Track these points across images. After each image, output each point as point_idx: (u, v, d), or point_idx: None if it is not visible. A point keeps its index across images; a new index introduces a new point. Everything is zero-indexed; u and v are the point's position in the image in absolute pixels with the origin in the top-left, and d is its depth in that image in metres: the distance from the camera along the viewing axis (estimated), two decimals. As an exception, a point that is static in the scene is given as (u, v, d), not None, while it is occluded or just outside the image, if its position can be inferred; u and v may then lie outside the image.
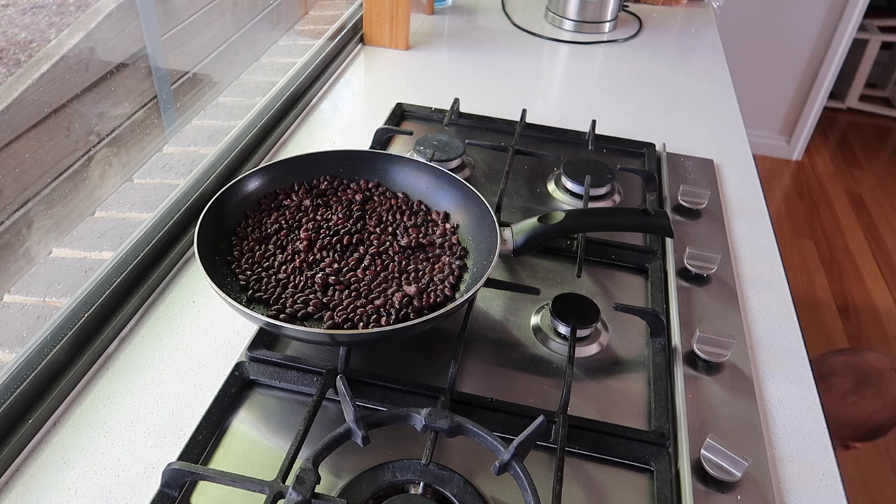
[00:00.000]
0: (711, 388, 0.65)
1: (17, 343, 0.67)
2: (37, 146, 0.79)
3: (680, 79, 1.27)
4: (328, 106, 1.09)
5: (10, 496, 0.53)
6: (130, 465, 0.56)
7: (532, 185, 0.92)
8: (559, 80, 1.27)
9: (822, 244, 2.53)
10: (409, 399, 0.61)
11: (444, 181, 0.75)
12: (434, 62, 1.25)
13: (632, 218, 0.74)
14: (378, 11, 1.23)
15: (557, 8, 1.42)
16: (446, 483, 0.54)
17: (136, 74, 0.97)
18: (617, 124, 1.08)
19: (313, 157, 0.77)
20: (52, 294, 0.73)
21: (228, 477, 0.50)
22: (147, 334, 0.68)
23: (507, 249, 0.69)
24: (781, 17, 2.63)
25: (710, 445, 0.58)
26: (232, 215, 0.71)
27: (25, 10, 0.83)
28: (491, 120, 1.04)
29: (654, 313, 0.69)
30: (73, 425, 0.59)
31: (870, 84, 3.27)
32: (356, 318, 0.61)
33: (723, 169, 1.01)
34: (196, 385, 0.63)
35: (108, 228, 0.83)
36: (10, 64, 0.78)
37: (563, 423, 0.58)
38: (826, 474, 0.60)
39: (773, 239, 0.88)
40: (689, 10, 1.57)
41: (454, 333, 0.66)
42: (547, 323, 0.70)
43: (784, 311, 0.77)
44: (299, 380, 0.62)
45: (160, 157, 0.99)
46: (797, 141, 2.94)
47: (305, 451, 0.55)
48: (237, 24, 1.25)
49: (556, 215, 0.69)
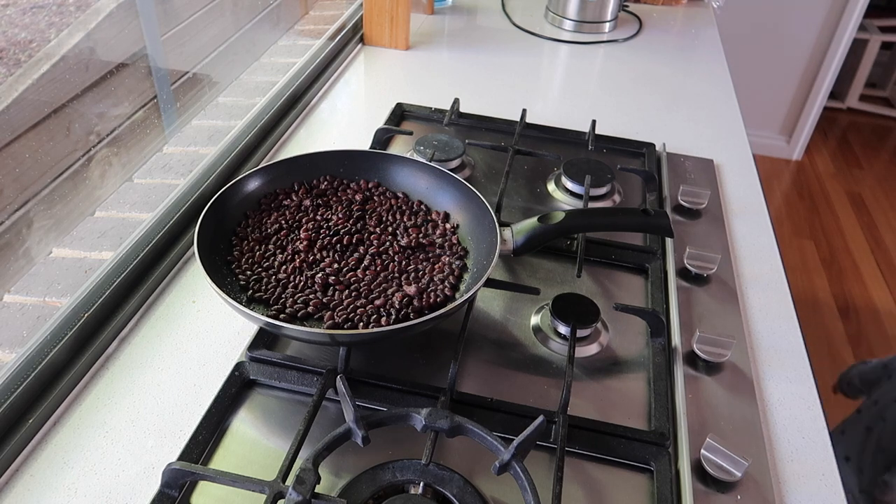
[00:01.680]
0: (711, 388, 0.65)
1: (17, 343, 0.67)
2: (37, 146, 0.79)
3: (680, 79, 1.27)
4: (328, 106, 1.09)
5: (10, 496, 0.53)
6: (130, 465, 0.56)
7: (532, 185, 0.92)
8: (559, 80, 1.27)
9: (822, 244, 2.53)
10: (409, 399, 0.61)
11: (444, 181, 0.75)
12: (434, 62, 1.25)
13: (632, 218, 0.74)
14: (378, 11, 1.23)
15: (557, 8, 1.42)
16: (446, 483, 0.54)
17: (136, 74, 0.97)
18: (617, 124, 1.08)
19: (313, 157, 0.77)
20: (52, 294, 0.73)
21: (228, 477, 0.50)
22: (147, 334, 0.68)
23: (507, 249, 0.69)
24: (781, 17, 2.63)
25: (710, 445, 0.58)
26: (232, 215, 0.71)
27: (25, 10, 0.83)
28: (491, 120, 1.04)
29: (654, 313, 0.69)
30: (73, 425, 0.59)
31: (870, 84, 3.27)
32: (356, 318, 0.61)
33: (723, 169, 1.01)
34: (196, 385, 0.63)
35: (108, 228, 0.83)
36: (10, 64, 0.78)
37: (563, 423, 0.58)
38: (826, 474, 0.60)
39: (773, 239, 0.88)
40: (689, 10, 1.57)
41: (454, 333, 0.66)
42: (547, 323, 0.70)
43: (784, 311, 0.77)
44: (299, 380, 0.62)
45: (160, 157, 0.98)
46: (797, 141, 2.94)
47: (305, 451, 0.55)
48: (237, 24, 1.25)
49: (556, 215, 0.69)
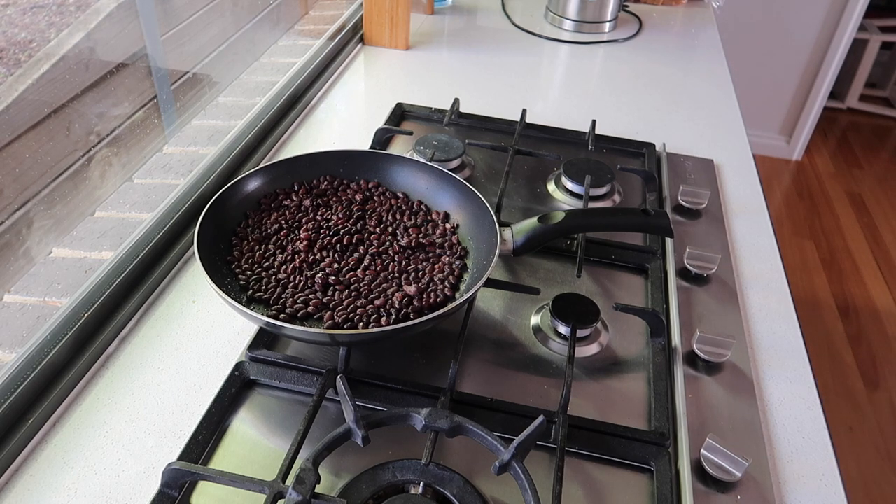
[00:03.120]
0: (711, 388, 0.65)
1: (17, 343, 0.67)
2: (37, 146, 0.79)
3: (680, 79, 1.27)
4: (328, 106, 1.09)
5: (10, 496, 0.53)
6: (130, 465, 0.56)
7: (532, 185, 0.92)
8: (559, 80, 1.27)
9: (822, 244, 2.53)
10: (409, 399, 0.61)
11: (444, 181, 0.75)
12: (434, 62, 1.25)
13: (632, 218, 0.74)
14: (378, 11, 1.23)
15: (557, 8, 1.42)
16: (446, 483, 0.54)
17: (136, 74, 0.97)
18: (617, 124, 1.08)
19: (313, 158, 0.77)
20: (52, 294, 0.73)
21: (228, 477, 0.50)
22: (147, 334, 0.68)
23: (507, 249, 0.69)
24: (781, 17, 2.63)
25: (710, 445, 0.58)
26: (232, 215, 0.71)
27: (25, 10, 0.83)
28: (491, 120, 1.04)
29: (654, 313, 0.69)
30: (73, 425, 0.59)
31: (870, 84, 3.27)
32: (356, 318, 0.61)
33: (723, 169, 1.01)
34: (196, 385, 0.63)
35: (108, 228, 0.83)
36: (10, 64, 0.78)
37: (563, 423, 0.58)
38: (826, 474, 0.60)
39: (773, 239, 0.88)
40: (689, 10, 1.57)
41: (454, 333, 0.66)
42: (547, 323, 0.70)
43: (784, 311, 0.77)
44: (299, 380, 0.62)
45: (160, 157, 0.99)
46: (797, 141, 2.94)
47: (305, 451, 0.55)
48: (237, 24, 1.25)
49: (555, 215, 0.69)
